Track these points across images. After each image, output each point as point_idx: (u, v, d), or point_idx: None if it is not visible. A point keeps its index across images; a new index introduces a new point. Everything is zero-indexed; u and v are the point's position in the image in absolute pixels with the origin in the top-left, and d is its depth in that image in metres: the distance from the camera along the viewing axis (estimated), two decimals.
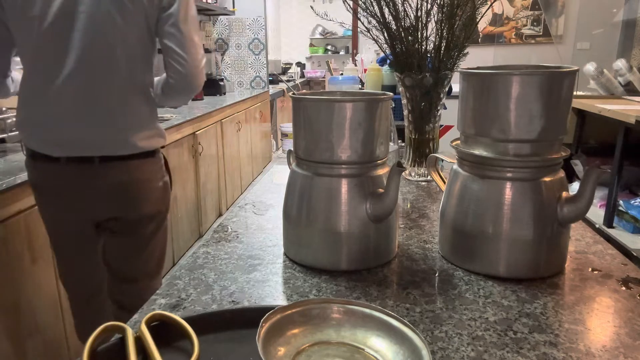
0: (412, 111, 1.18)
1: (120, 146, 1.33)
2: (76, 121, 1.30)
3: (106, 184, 1.34)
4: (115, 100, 1.32)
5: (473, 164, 0.74)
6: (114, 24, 1.28)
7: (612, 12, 4.07)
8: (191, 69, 1.38)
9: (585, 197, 0.68)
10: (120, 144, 1.33)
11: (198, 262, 0.79)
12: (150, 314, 0.56)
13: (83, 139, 1.30)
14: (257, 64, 4.74)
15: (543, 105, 0.67)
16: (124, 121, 1.34)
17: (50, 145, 1.30)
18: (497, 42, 4.72)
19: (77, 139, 1.30)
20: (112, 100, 1.31)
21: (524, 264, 0.71)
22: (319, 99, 0.74)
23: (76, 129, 1.30)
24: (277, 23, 7.11)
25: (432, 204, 1.05)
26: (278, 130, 5.61)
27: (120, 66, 1.31)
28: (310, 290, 0.69)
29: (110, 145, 1.32)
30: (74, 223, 1.42)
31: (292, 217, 0.77)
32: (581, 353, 0.55)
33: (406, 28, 1.10)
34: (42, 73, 1.29)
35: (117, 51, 1.30)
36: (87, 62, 1.28)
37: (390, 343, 0.51)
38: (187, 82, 1.40)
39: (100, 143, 1.31)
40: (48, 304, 1.66)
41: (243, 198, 1.15)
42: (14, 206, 1.50)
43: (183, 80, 1.38)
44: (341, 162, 0.72)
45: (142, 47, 1.36)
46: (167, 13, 1.34)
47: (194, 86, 1.42)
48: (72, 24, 1.26)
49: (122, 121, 1.33)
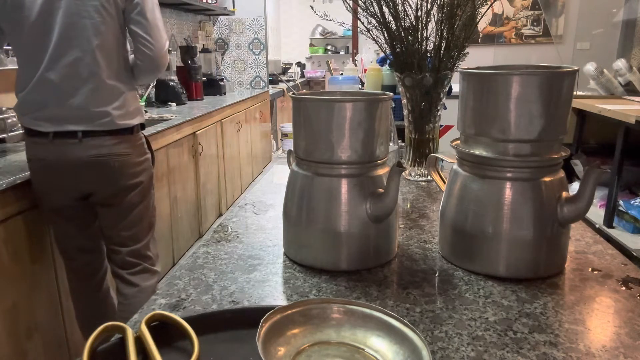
0: (412, 111, 1.18)
1: (101, 123, 1.50)
2: (62, 101, 1.48)
3: (89, 156, 1.51)
4: (96, 82, 1.49)
5: (473, 164, 0.74)
6: (88, 14, 1.46)
7: (612, 12, 4.07)
8: (157, 51, 1.58)
9: (585, 197, 0.68)
10: (101, 121, 1.50)
11: (198, 262, 0.79)
12: (150, 314, 0.56)
13: (67, 116, 1.48)
14: (257, 64, 4.74)
15: (543, 105, 0.67)
16: (104, 100, 1.51)
17: (40, 122, 1.48)
18: (497, 42, 4.73)
19: (63, 116, 1.48)
20: (93, 82, 1.49)
21: (524, 264, 0.71)
22: (319, 99, 0.74)
23: (62, 107, 1.48)
24: (277, 23, 7.11)
25: (432, 204, 1.05)
26: (278, 130, 5.61)
27: (97, 52, 1.48)
28: (310, 290, 0.69)
29: (92, 121, 1.50)
30: (63, 195, 1.57)
31: (292, 217, 0.77)
32: (581, 353, 0.55)
33: (406, 28, 1.10)
34: (30, 62, 1.47)
35: (94, 39, 1.48)
36: (67, 49, 1.46)
37: (390, 343, 0.51)
38: (154, 64, 1.59)
39: (83, 120, 1.49)
40: (48, 304, 1.66)
41: (243, 198, 1.15)
42: (14, 206, 1.50)
43: (150, 62, 1.58)
44: (341, 162, 0.72)
45: (115, 33, 1.53)
46: (133, 3, 1.53)
47: (160, 66, 1.62)
48: (52, 18, 1.44)
49: (102, 100, 1.51)
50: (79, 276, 1.70)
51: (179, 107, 3.24)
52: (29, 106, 1.50)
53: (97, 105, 1.49)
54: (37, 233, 1.61)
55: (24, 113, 1.52)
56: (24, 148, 1.59)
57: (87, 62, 1.47)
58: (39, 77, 1.46)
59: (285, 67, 6.61)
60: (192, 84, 3.63)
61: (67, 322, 1.75)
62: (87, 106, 1.48)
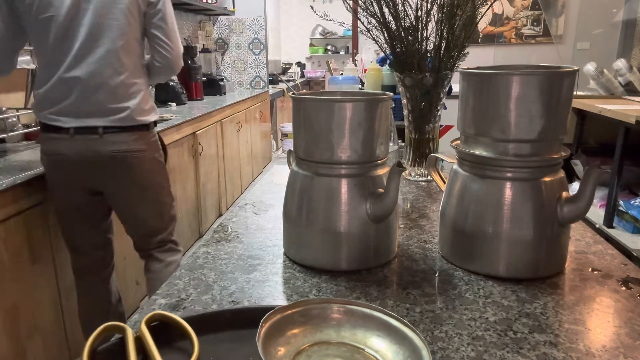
0: (412, 111, 1.18)
1: (121, 118, 1.57)
2: (85, 97, 1.54)
3: (108, 152, 1.57)
4: (118, 80, 1.57)
5: (473, 164, 0.74)
6: (114, 16, 1.54)
7: (612, 12, 4.07)
8: (175, 54, 1.71)
9: (585, 197, 0.68)
10: (121, 116, 1.58)
11: (198, 262, 0.79)
12: (150, 314, 0.56)
13: (89, 111, 1.55)
14: (257, 64, 4.73)
15: (543, 105, 0.67)
16: (124, 97, 1.58)
17: (61, 117, 1.54)
18: (497, 42, 4.72)
19: (85, 111, 1.54)
20: (115, 80, 1.56)
21: (524, 264, 0.71)
22: (319, 99, 0.74)
23: (85, 103, 1.54)
24: (277, 23, 7.12)
25: (432, 204, 1.05)
26: (278, 130, 5.61)
27: (121, 51, 1.57)
28: (310, 290, 0.69)
29: (112, 117, 1.57)
30: (80, 190, 1.63)
31: (292, 217, 0.77)
32: (581, 353, 0.55)
33: (406, 28, 1.10)
34: (54, 60, 1.53)
35: (118, 40, 1.56)
36: (93, 48, 1.53)
37: (390, 343, 0.51)
38: (172, 66, 1.72)
39: (104, 115, 1.56)
40: (48, 304, 1.66)
41: (243, 198, 1.15)
42: (14, 206, 1.50)
43: (168, 63, 1.71)
44: (341, 162, 0.72)
45: (136, 35, 1.62)
46: (156, 9, 1.64)
47: (176, 68, 1.76)
48: (80, 19, 1.52)
49: (123, 97, 1.58)
50: (91, 271, 1.76)
51: (179, 107, 3.24)
52: (49, 102, 1.55)
53: (118, 101, 1.57)
54: (37, 233, 1.61)
55: (43, 109, 1.56)
56: (24, 148, 1.59)
57: (111, 61, 1.55)
58: (62, 75, 1.53)
59: (285, 67, 6.61)
60: (192, 84, 3.63)
61: (67, 322, 1.75)
62: (108, 102, 1.56)
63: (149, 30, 1.67)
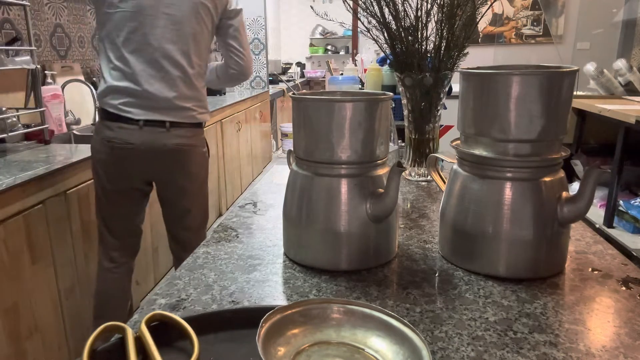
0: (412, 111, 1.18)
1: (185, 115, 1.73)
2: (157, 94, 1.67)
3: (172, 144, 1.72)
4: (187, 81, 1.72)
5: (473, 164, 0.74)
6: (190, 27, 1.69)
7: (612, 12, 4.07)
8: (248, 62, 1.92)
9: (585, 197, 0.68)
10: (186, 114, 1.73)
11: (198, 262, 0.79)
12: (150, 314, 0.56)
13: (160, 107, 1.68)
14: (257, 64, 4.73)
15: (543, 105, 0.67)
16: (190, 97, 1.74)
17: (131, 108, 1.66)
18: (497, 42, 4.73)
19: (156, 107, 1.68)
20: (185, 81, 1.72)
21: (524, 264, 0.71)
22: (319, 99, 0.74)
23: (157, 100, 1.67)
24: (277, 23, 7.11)
25: (432, 204, 1.05)
26: (278, 130, 5.61)
27: (192, 56, 1.72)
28: (310, 290, 0.69)
29: (179, 114, 1.71)
30: (137, 177, 1.75)
31: (292, 217, 0.77)
32: (581, 353, 0.55)
33: (406, 28, 1.10)
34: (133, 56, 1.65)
35: (191, 45, 1.71)
36: (169, 51, 1.67)
37: (390, 343, 0.51)
38: (245, 72, 1.93)
39: (172, 112, 1.70)
40: (48, 304, 1.66)
41: (243, 198, 1.15)
42: (14, 206, 1.50)
43: (242, 70, 1.92)
44: (341, 162, 0.72)
45: (206, 42, 1.78)
46: (234, 21, 1.84)
47: (249, 75, 1.96)
48: (155, 22, 1.64)
49: (189, 97, 1.74)
50: (119, 256, 1.83)
51: None
52: (121, 94, 1.66)
53: (185, 101, 1.71)
54: (37, 233, 1.61)
55: (114, 99, 1.67)
56: (24, 148, 1.59)
57: (182, 63, 1.70)
58: (138, 71, 1.65)
59: (285, 67, 6.61)
60: None
61: (67, 322, 1.75)
62: (177, 101, 1.70)
63: (226, 41, 1.85)
